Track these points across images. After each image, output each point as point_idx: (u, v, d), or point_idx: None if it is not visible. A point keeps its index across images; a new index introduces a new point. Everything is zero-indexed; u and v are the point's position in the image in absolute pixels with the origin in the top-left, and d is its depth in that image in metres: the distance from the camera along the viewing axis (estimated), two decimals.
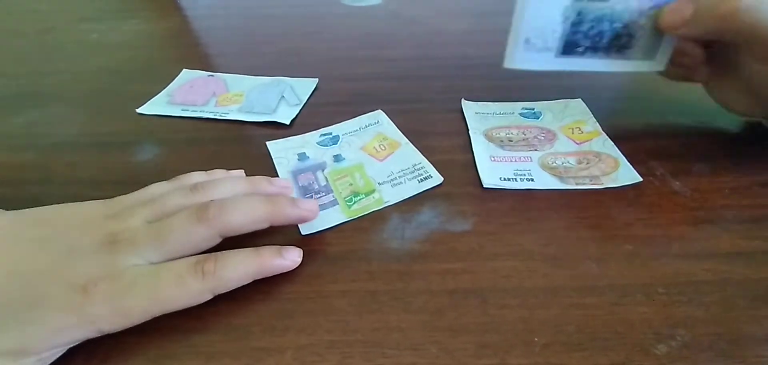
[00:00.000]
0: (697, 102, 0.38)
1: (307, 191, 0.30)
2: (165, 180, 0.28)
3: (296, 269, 0.25)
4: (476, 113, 0.37)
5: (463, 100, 0.39)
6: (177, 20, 0.58)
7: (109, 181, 0.32)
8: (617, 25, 0.29)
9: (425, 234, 0.27)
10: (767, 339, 0.22)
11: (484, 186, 0.30)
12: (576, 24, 0.29)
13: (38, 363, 0.20)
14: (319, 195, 0.30)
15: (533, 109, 0.37)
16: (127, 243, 0.23)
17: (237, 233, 0.25)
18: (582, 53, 0.30)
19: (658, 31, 0.30)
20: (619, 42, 0.30)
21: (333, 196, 0.30)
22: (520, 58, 0.30)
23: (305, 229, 0.28)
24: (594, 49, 0.30)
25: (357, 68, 0.45)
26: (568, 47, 0.30)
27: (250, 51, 0.50)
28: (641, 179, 0.31)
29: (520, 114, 0.37)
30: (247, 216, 0.25)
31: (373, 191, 0.30)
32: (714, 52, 0.32)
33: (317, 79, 0.43)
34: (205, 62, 0.47)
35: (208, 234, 0.24)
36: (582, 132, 0.35)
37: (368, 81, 0.43)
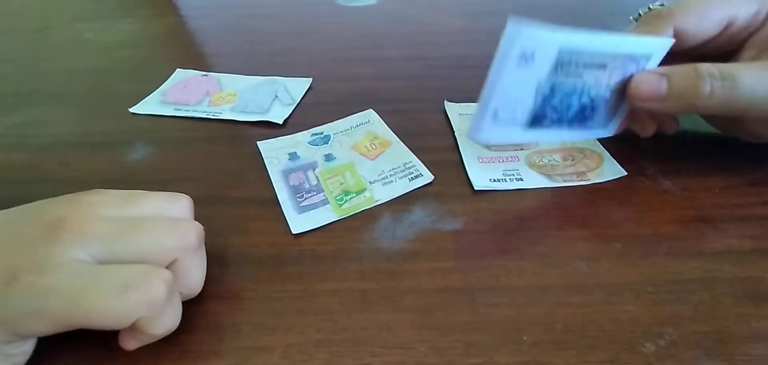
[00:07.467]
0: None
1: (297, 191, 0.30)
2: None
3: (285, 267, 0.26)
4: (460, 114, 0.37)
5: (446, 102, 0.38)
6: (171, 20, 0.58)
7: (101, 181, 0.32)
8: (585, 99, 0.29)
9: (416, 233, 0.27)
10: (754, 338, 0.22)
11: (475, 189, 0.30)
12: (547, 98, 0.28)
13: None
14: (310, 194, 0.30)
15: None
16: (76, 232, 0.19)
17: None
18: (547, 126, 0.29)
19: (619, 100, 0.30)
20: (583, 114, 0.29)
21: (324, 195, 0.30)
22: (487, 132, 0.28)
23: (296, 228, 0.28)
24: (559, 121, 0.29)
25: (351, 68, 0.45)
26: (535, 120, 0.28)
27: (245, 51, 0.50)
28: (626, 174, 0.31)
29: None
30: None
31: (364, 189, 0.30)
32: None
33: (311, 79, 0.43)
34: (199, 62, 0.47)
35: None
36: None
37: (362, 81, 0.43)
